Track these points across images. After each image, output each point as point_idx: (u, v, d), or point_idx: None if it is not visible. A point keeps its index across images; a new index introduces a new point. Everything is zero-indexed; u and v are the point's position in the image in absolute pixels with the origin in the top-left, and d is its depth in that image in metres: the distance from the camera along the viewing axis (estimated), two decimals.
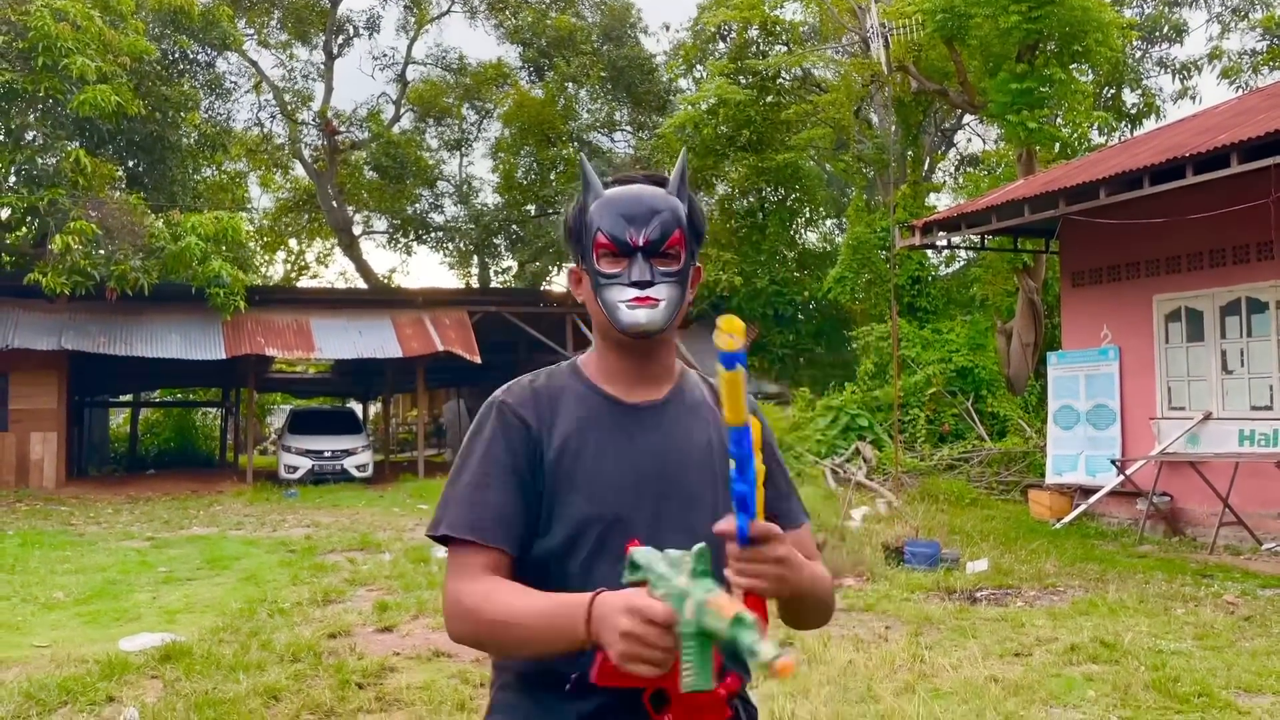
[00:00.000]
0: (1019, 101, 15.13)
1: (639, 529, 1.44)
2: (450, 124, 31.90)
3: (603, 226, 1.50)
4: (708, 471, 1.52)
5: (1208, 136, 9.67)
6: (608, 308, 1.50)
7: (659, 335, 1.52)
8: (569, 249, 1.61)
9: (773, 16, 23.48)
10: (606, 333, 1.55)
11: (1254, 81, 21.29)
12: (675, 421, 1.55)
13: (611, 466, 1.48)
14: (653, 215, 1.50)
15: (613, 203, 1.51)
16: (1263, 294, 10.01)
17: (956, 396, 16.56)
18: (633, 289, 1.48)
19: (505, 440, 1.49)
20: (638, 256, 1.49)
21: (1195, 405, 10.65)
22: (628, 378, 1.56)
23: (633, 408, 1.54)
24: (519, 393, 1.54)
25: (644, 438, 1.52)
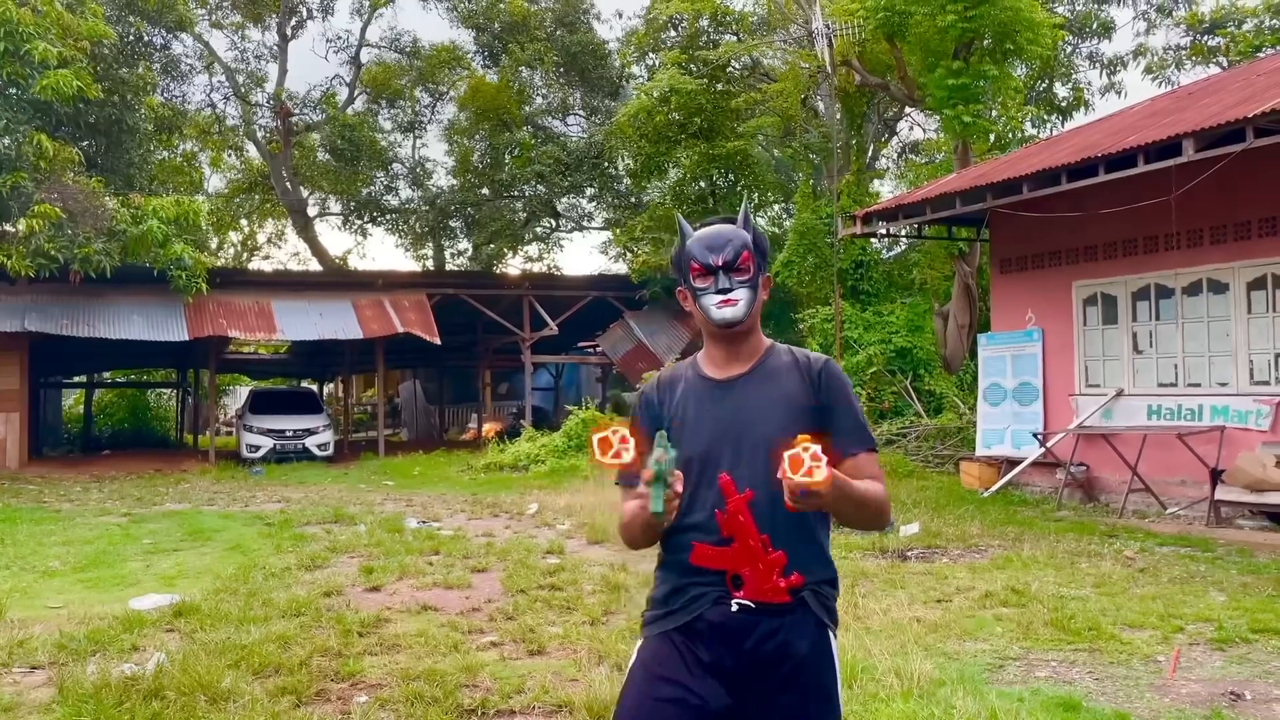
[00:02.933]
0: (955, 96, 15.98)
1: (724, 460, 2.10)
2: (404, 107, 32.11)
3: (694, 255, 2.19)
4: (775, 420, 2.11)
5: (1119, 137, 10.58)
6: (704, 309, 2.17)
7: (741, 325, 2.16)
8: (676, 277, 2.27)
9: (723, 7, 24.15)
10: (706, 328, 2.21)
11: (1177, 76, 22.46)
12: (753, 388, 2.18)
13: (707, 422, 2.16)
14: (727, 243, 2.18)
15: (699, 239, 2.22)
16: (1169, 281, 10.98)
17: (896, 376, 17.49)
18: (718, 295, 2.15)
19: (642, 415, 2.25)
20: (719, 273, 2.16)
21: (1109, 383, 11.63)
22: (722, 361, 2.22)
23: (722, 382, 2.20)
24: (651, 382, 2.30)
25: (728, 402, 2.17)
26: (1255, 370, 10.20)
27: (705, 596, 2.11)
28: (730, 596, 2.08)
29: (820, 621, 2.13)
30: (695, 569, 2.10)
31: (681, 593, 2.14)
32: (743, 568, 2.05)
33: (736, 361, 2.21)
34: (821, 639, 2.14)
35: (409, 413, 32.51)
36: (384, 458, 20.21)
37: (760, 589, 2.05)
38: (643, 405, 2.27)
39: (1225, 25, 21.38)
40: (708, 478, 2.10)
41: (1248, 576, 7.31)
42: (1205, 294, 10.67)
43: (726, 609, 2.08)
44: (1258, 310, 10.17)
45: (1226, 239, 10.38)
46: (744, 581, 2.06)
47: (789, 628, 2.09)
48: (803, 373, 2.20)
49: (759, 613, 2.07)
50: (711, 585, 2.10)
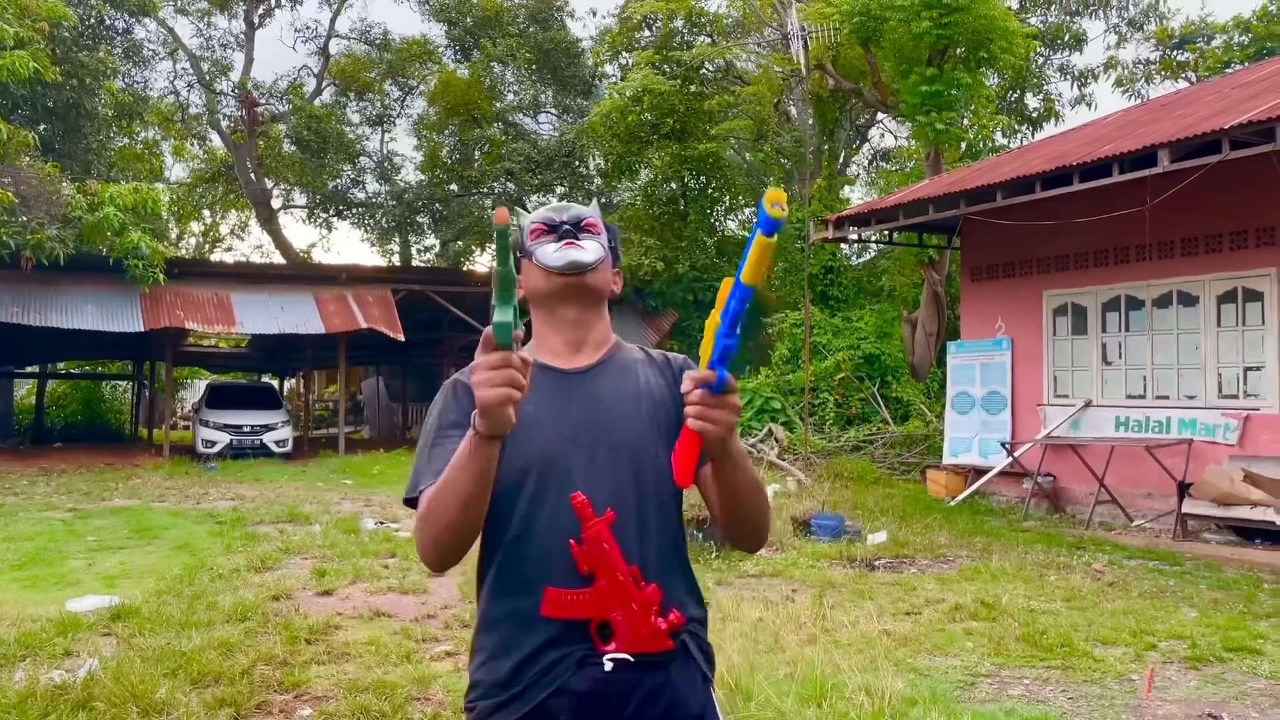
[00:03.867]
0: (929, 103, 15.94)
1: (574, 472, 1.64)
2: (373, 100, 31.68)
3: (536, 218, 1.80)
4: (635, 420, 1.71)
5: (1094, 147, 10.52)
6: (541, 260, 1.73)
7: (589, 276, 1.74)
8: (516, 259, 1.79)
9: (697, 8, 24.02)
10: (545, 300, 1.76)
11: (1146, 90, 22.66)
12: (607, 382, 1.74)
13: (548, 421, 1.66)
14: (570, 208, 1.81)
15: (541, 208, 1.84)
16: (1139, 292, 10.95)
17: (864, 382, 17.42)
18: (559, 240, 1.74)
19: (455, 405, 1.69)
20: (561, 227, 1.76)
21: (1078, 393, 11.58)
22: (564, 348, 1.76)
23: (568, 373, 1.73)
24: (467, 371, 1.63)
25: (577, 396, 1.70)
26: (1224, 384, 10.18)
27: (566, 660, 1.60)
28: (599, 653, 1.59)
29: (704, 674, 1.71)
30: (546, 624, 1.60)
31: (533, 662, 1.61)
32: (612, 611, 1.58)
33: (583, 349, 1.77)
34: (708, 697, 1.71)
35: (371, 410, 32.05)
36: (344, 455, 19.82)
37: (637, 636, 1.59)
38: (454, 398, 1.70)
39: (1195, 41, 21.59)
40: (552, 493, 1.63)
41: (1218, 592, 7.24)
42: (1175, 306, 10.64)
43: (597, 670, 1.59)
44: (1227, 324, 10.15)
45: (1197, 251, 10.36)
46: (615, 630, 1.59)
47: (676, 683, 1.64)
48: (661, 369, 1.80)
49: (638, 668, 1.60)
50: (573, 644, 1.60)
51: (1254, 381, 9.92)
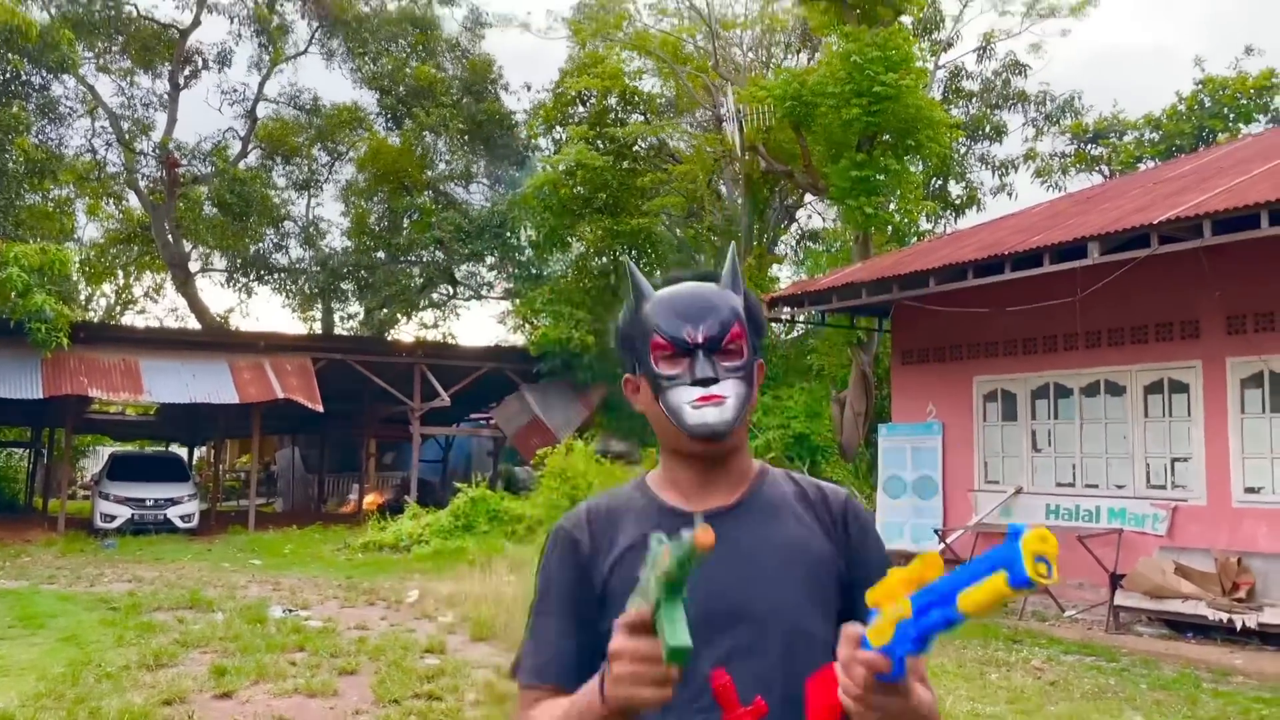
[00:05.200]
0: (858, 188, 16.17)
1: (713, 650, 1.29)
2: (300, 164, 31.17)
3: (659, 326, 1.40)
4: (788, 583, 1.37)
5: (1024, 236, 10.68)
6: (672, 411, 1.38)
7: (729, 439, 1.40)
8: (621, 358, 1.50)
9: (632, 87, 24.28)
10: (673, 441, 1.42)
11: (1063, 181, 23.48)
12: (749, 529, 1.39)
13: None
14: (709, 311, 1.41)
15: (667, 302, 1.43)
16: (1068, 380, 11.05)
17: (794, 462, 17.28)
18: (697, 388, 1.37)
19: (559, 566, 1.42)
20: (698, 354, 1.38)
21: (1009, 479, 11.57)
22: (695, 486, 1.42)
23: (694, 518, 1.27)
24: (574, 515, 1.46)
25: (713, 551, 1.25)
26: (1152, 474, 10.25)
27: None
28: None
29: None
30: None
31: None
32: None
33: (718, 489, 1.43)
34: None
35: (285, 481, 30.91)
36: (254, 532, 18.89)
37: None
38: (562, 553, 1.42)
39: (1108, 136, 22.49)
40: (686, 674, 1.22)
41: (1159, 693, 7.09)
42: (1103, 395, 10.75)
43: None
44: (1154, 414, 10.26)
45: (1124, 342, 10.51)
46: None
47: None
48: (818, 510, 1.45)
49: None
50: None
51: (1181, 473, 10.00)
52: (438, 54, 29.99)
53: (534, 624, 1.42)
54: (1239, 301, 9.39)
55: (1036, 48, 23.77)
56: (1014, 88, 23.93)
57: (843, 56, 15.70)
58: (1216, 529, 9.54)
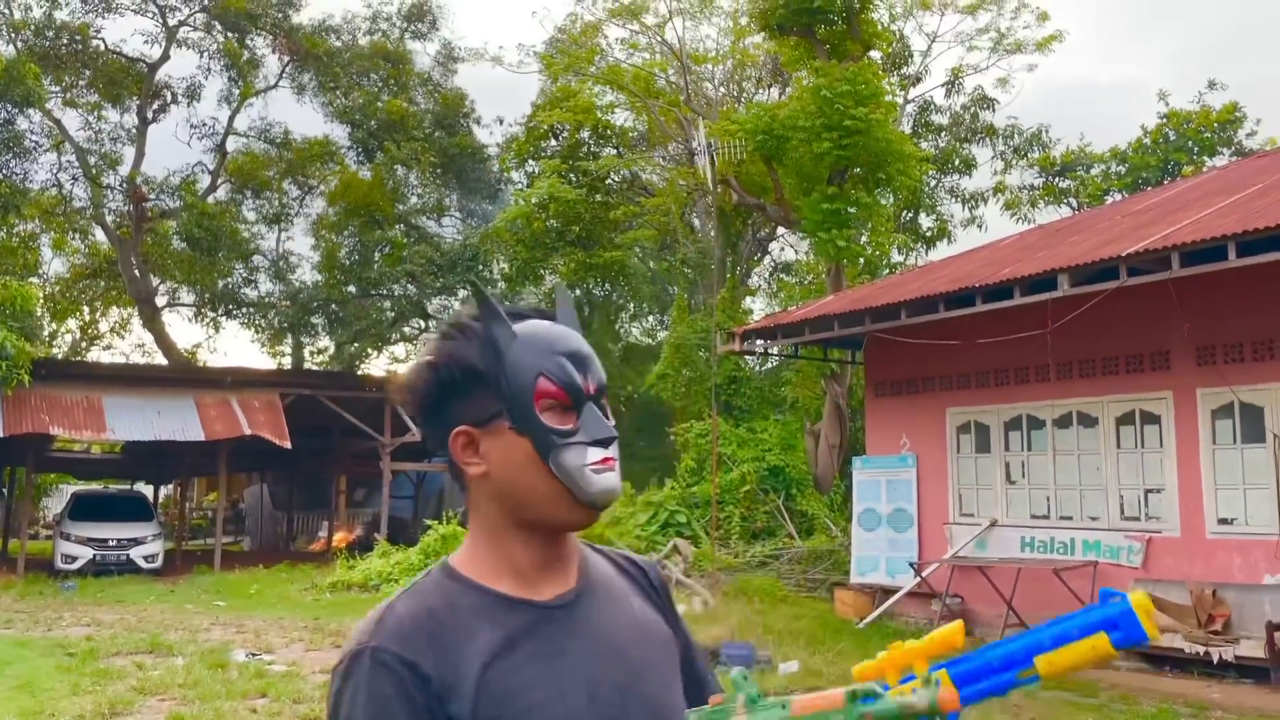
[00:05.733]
0: (829, 221, 16.23)
1: None
2: (270, 198, 30.99)
3: (546, 369, 1.16)
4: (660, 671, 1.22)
5: (995, 268, 10.70)
6: (568, 475, 1.14)
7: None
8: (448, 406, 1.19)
9: (604, 121, 24.37)
10: (544, 512, 1.17)
11: (1032, 214, 23.73)
12: (601, 612, 1.20)
13: (556, 695, 1.10)
14: (590, 358, 1.22)
15: (545, 341, 1.19)
16: (1041, 412, 11.03)
17: (769, 494, 17.18)
18: (597, 449, 1.16)
19: (399, 709, 1.05)
20: (590, 407, 1.18)
21: (983, 512, 11.51)
22: (538, 569, 1.19)
23: (553, 608, 1.17)
24: (394, 628, 1.10)
25: (578, 643, 1.15)
26: (1125, 505, 10.23)
27: None
28: None
29: None
30: None
31: None
32: None
33: (557, 571, 1.21)
34: None
35: (254, 519, 30.41)
36: (219, 572, 18.50)
37: None
38: (402, 691, 1.06)
39: (1075, 169, 22.78)
40: None
41: None
42: (1076, 427, 10.74)
43: None
44: (1127, 445, 10.25)
45: (1095, 373, 10.52)
46: None
47: None
48: (640, 584, 1.30)
49: None
50: None
51: (1155, 504, 9.98)
52: (409, 88, 30.02)
53: None
54: (1208, 333, 9.42)
55: (1004, 82, 24.05)
56: (982, 121, 24.24)
57: (813, 91, 15.81)
58: (1191, 561, 9.51)
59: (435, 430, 1.21)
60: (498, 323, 1.19)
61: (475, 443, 1.18)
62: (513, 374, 1.16)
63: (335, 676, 1.10)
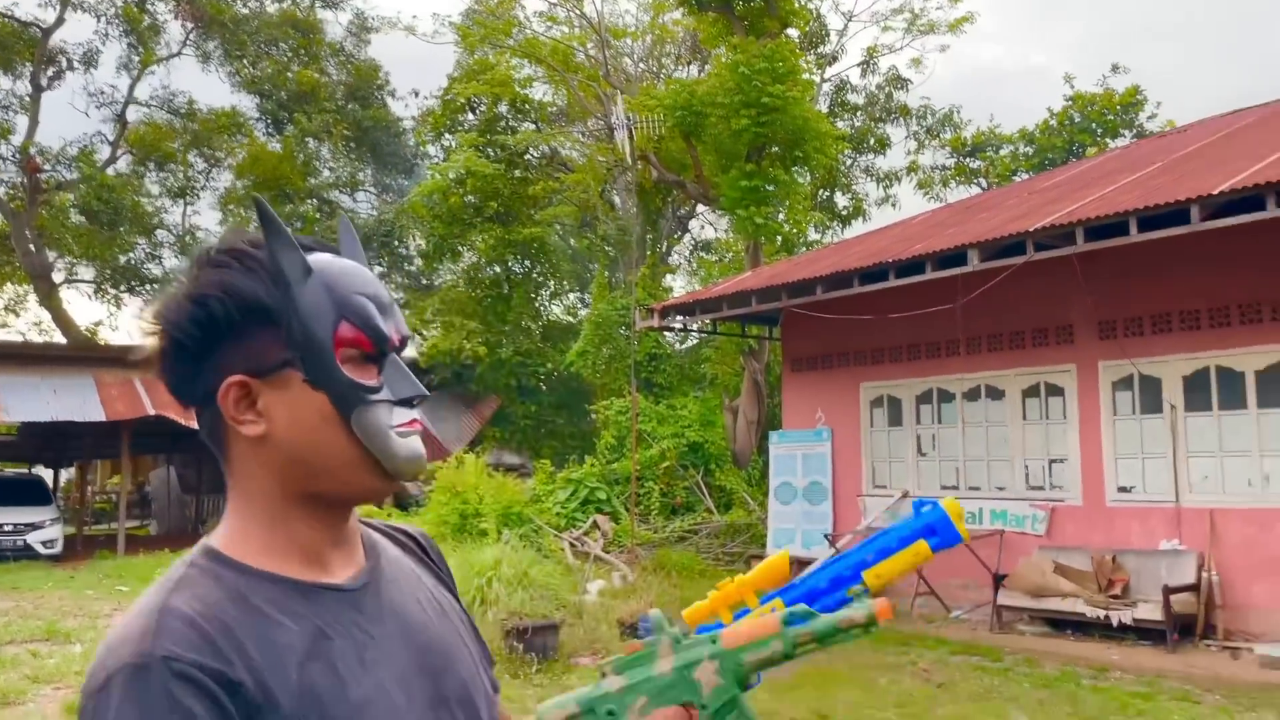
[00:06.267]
0: (748, 198, 16.30)
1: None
2: (174, 170, 29.87)
3: (348, 313, 0.99)
4: (462, 650, 1.10)
5: (907, 244, 10.87)
6: (373, 438, 0.98)
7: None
8: (224, 349, 0.97)
9: (522, 95, 24.04)
10: (341, 481, 1.00)
11: (944, 193, 24.21)
12: (397, 590, 1.07)
13: (374, 689, 0.96)
14: (393, 305, 1.05)
15: (345, 276, 1.01)
16: (951, 386, 11.27)
17: (688, 470, 17.27)
18: (403, 409, 1.01)
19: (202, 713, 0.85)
20: (393, 360, 1.02)
21: (895, 484, 11.74)
22: (328, 547, 1.02)
23: (352, 592, 1.01)
24: (179, 631, 0.88)
25: (383, 629, 1.01)
26: (1030, 475, 10.52)
27: None
28: None
29: None
30: None
31: None
32: None
33: (344, 550, 1.04)
34: None
35: (160, 503, 29.40)
36: (123, 556, 17.85)
37: None
38: (203, 700, 0.85)
39: (985, 149, 23.29)
40: None
41: (1041, 691, 7.22)
42: (984, 399, 11.00)
43: None
44: (1032, 417, 10.54)
45: (1002, 347, 10.77)
46: None
47: None
48: (419, 555, 1.18)
49: None
50: None
51: (1058, 474, 10.29)
52: (320, 58, 29.21)
53: None
54: (1109, 307, 9.72)
55: (917, 63, 24.39)
56: (896, 101, 24.61)
57: (731, 67, 15.83)
58: (1092, 528, 9.84)
59: (192, 381, 0.99)
60: (288, 251, 0.98)
61: (253, 397, 0.97)
62: (308, 315, 0.97)
63: (108, 699, 0.85)
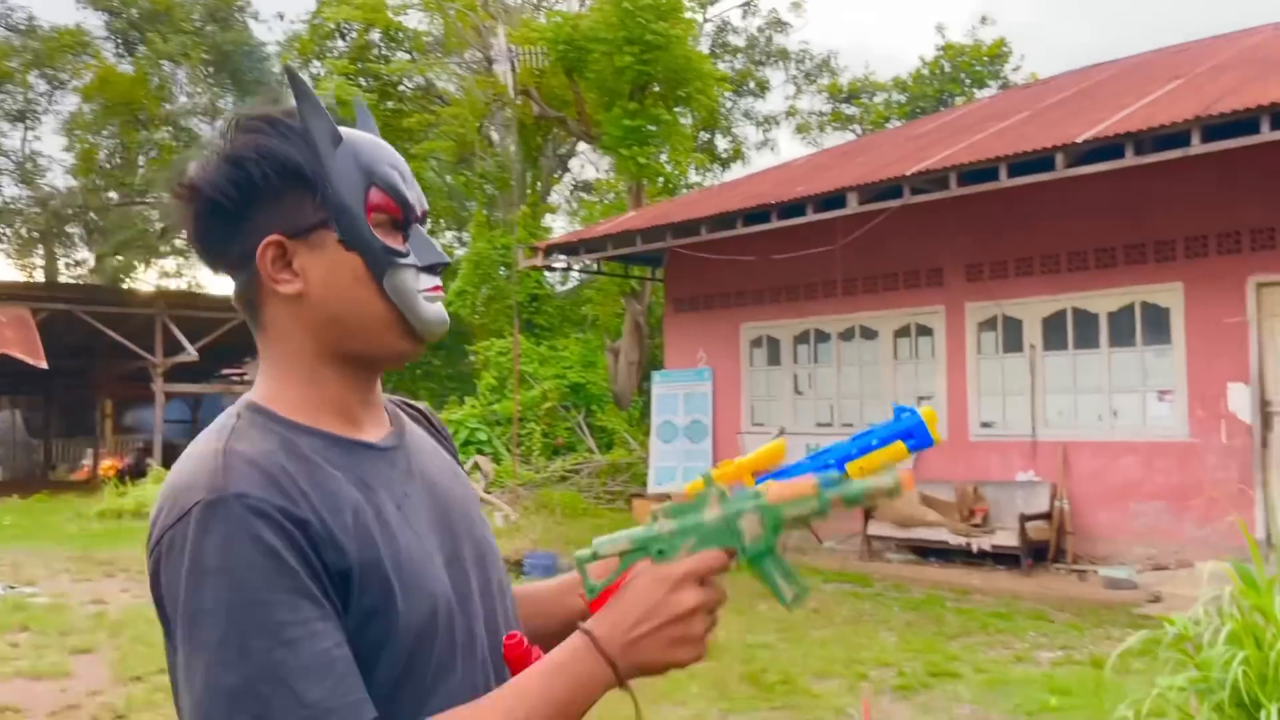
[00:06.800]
0: (631, 137, 16.23)
1: (468, 607, 1.07)
2: (13, 92, 27.65)
3: (380, 179, 1.03)
4: (477, 511, 1.18)
5: (788, 187, 11.04)
6: (403, 299, 1.03)
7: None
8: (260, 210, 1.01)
9: (395, 22, 23.12)
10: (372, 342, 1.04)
11: (821, 138, 24.65)
12: (423, 455, 1.14)
13: (413, 537, 1.03)
14: (413, 176, 1.10)
15: (372, 148, 1.05)
16: (827, 326, 11.60)
17: (570, 411, 17.32)
18: (428, 275, 1.06)
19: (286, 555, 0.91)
20: (417, 229, 1.07)
21: (773, 422, 12.06)
22: (361, 408, 1.08)
23: (386, 450, 1.08)
24: (248, 473, 0.93)
25: (413, 485, 1.08)
26: None
27: None
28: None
29: None
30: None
31: None
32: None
33: (375, 411, 1.11)
34: None
35: (6, 448, 27.69)
36: None
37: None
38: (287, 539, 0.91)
39: (860, 96, 23.76)
40: (461, 638, 1.04)
41: (909, 614, 7.62)
42: (858, 339, 11.37)
43: None
44: (903, 356, 10.96)
45: (877, 289, 11.12)
46: None
47: None
48: (427, 426, 1.24)
49: None
50: None
51: None
52: None
53: (274, 648, 0.88)
54: (977, 251, 10.14)
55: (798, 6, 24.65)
56: (776, 45, 24.80)
57: (614, 2, 15.61)
58: (955, 461, 10.35)
59: (228, 244, 1.03)
60: (320, 118, 1.02)
61: (289, 256, 1.01)
62: (340, 179, 1.01)
63: (185, 529, 0.90)
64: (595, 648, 0.95)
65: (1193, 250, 8.91)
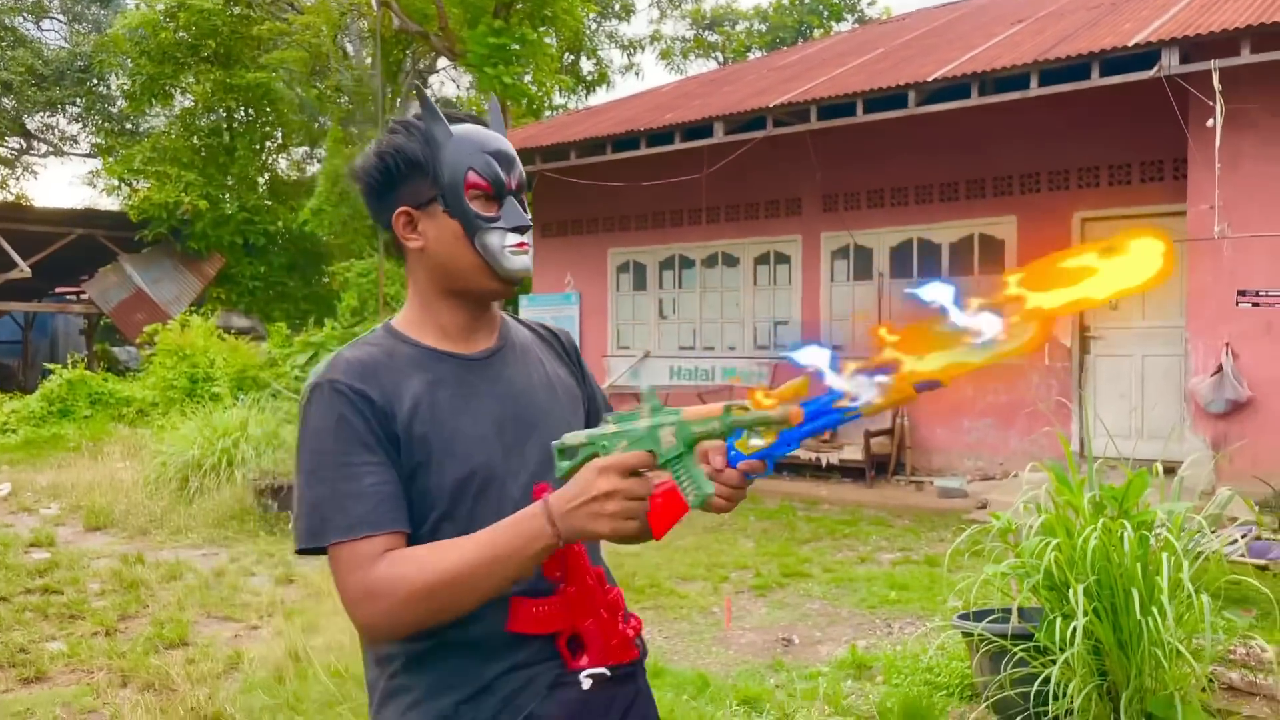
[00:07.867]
0: (495, 56, 15.97)
1: (507, 478, 1.41)
2: None
3: (475, 165, 1.41)
4: (557, 412, 1.50)
5: (658, 114, 11.21)
6: (490, 253, 1.41)
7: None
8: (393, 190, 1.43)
9: None
10: (469, 282, 1.43)
11: (684, 64, 24.77)
12: (515, 366, 1.50)
13: (469, 423, 1.40)
14: (515, 159, 1.47)
15: (476, 140, 1.43)
16: (692, 252, 11.95)
17: None
18: (514, 234, 1.42)
19: (353, 420, 1.34)
20: (511, 200, 1.44)
21: (638, 345, 12.42)
22: (463, 332, 1.47)
23: (473, 360, 1.46)
24: (345, 367, 1.38)
25: (491, 388, 1.45)
26: (758, 335, 11.50)
27: (535, 683, 1.38)
28: (571, 670, 1.39)
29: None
30: (507, 646, 1.37)
31: (489, 692, 1.36)
32: (584, 620, 1.39)
33: (480, 333, 1.50)
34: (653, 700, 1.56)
35: None
36: None
37: (607, 646, 1.41)
38: (352, 407, 1.34)
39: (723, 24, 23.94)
40: (494, 499, 1.38)
41: (765, 522, 8.18)
42: (720, 266, 11.78)
43: (573, 691, 1.38)
44: (763, 283, 11.44)
45: (739, 217, 11.52)
46: (585, 642, 1.40)
47: (643, 691, 1.51)
48: (555, 348, 1.62)
49: (612, 682, 1.42)
50: (542, 661, 1.39)
51: (782, 334, 11.32)
52: None
53: (337, 479, 1.32)
54: (833, 182, 10.62)
55: None
56: None
57: None
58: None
59: (380, 210, 1.46)
60: (436, 122, 1.42)
61: (415, 222, 1.43)
62: (446, 166, 1.41)
63: (301, 405, 1.39)
64: (546, 511, 1.25)
65: (1027, 186, 9.63)
